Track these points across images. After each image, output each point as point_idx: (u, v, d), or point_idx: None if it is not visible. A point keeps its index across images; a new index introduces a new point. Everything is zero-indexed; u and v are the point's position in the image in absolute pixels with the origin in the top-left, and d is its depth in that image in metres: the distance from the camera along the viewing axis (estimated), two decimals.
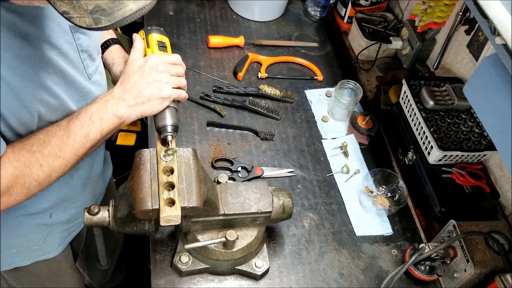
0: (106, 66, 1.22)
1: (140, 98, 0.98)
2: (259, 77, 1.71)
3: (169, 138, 1.00)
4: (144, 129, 1.53)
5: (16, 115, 0.89)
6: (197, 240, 1.13)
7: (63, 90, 0.99)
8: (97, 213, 1.03)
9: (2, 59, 0.81)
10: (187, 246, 1.13)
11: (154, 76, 1.00)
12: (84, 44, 1.03)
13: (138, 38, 1.11)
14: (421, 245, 1.21)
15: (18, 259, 1.26)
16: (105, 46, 1.22)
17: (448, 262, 1.24)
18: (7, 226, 1.15)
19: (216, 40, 1.77)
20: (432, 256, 1.21)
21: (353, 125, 1.56)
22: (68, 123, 0.96)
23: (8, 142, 0.92)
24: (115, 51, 1.23)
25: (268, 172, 1.44)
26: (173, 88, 1.02)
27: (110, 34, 1.26)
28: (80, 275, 1.56)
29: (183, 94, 1.04)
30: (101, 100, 0.99)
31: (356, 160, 1.54)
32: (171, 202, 0.94)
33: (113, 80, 1.21)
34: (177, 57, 1.08)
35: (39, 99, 0.92)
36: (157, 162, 0.99)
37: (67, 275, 1.45)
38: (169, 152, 0.99)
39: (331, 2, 1.94)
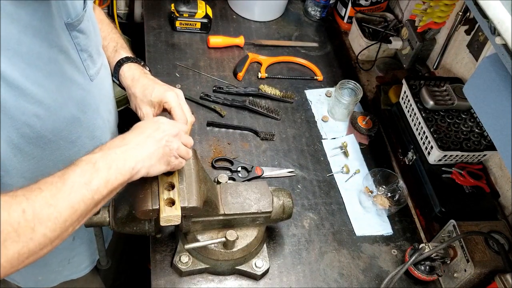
0: (124, 84, 1.14)
1: (154, 154, 0.89)
2: (259, 77, 1.71)
3: None
4: None
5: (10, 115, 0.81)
6: (197, 240, 1.13)
7: (63, 91, 0.91)
8: (97, 213, 1.03)
9: (2, 53, 0.75)
10: (187, 246, 1.13)
11: (167, 138, 0.91)
12: (82, 44, 0.95)
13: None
14: (421, 245, 1.21)
15: (44, 283, 1.23)
16: (120, 63, 1.15)
17: (448, 262, 1.24)
18: None
19: (216, 40, 1.77)
20: (432, 256, 1.21)
21: (353, 125, 1.56)
22: (65, 171, 0.79)
23: None
24: (134, 68, 1.14)
25: (268, 172, 1.44)
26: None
27: (126, 52, 1.18)
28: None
29: (181, 165, 0.96)
30: (106, 148, 0.85)
31: (356, 160, 1.54)
32: (171, 202, 0.95)
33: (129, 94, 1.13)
34: (184, 127, 0.99)
35: (37, 100, 0.85)
36: None
37: None
38: None
39: (331, 2, 1.94)
